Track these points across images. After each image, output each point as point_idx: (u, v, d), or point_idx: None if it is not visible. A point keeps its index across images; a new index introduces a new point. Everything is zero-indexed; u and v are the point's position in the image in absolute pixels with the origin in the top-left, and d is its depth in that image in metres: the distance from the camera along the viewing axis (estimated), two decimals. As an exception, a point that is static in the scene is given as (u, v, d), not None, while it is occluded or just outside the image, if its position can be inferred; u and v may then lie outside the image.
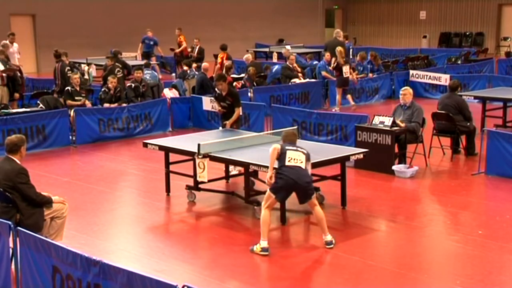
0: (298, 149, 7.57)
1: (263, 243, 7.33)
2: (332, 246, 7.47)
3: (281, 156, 7.46)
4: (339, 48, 15.89)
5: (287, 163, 7.40)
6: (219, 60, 18.47)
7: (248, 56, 18.44)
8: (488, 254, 7.31)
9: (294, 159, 7.43)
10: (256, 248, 7.35)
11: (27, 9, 24.48)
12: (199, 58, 20.45)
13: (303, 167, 7.43)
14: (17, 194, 6.72)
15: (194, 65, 17.55)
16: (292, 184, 7.39)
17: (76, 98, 13.85)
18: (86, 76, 16.68)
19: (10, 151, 6.85)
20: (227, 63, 17.11)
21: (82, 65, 17.89)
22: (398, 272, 6.90)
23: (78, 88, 14.01)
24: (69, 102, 13.67)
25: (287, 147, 7.55)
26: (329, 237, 7.51)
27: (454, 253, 7.48)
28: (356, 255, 7.29)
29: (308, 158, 7.56)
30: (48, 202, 6.95)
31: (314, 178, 9.05)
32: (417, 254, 7.47)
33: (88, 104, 14.02)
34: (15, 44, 17.04)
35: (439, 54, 24.81)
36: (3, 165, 6.83)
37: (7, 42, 16.52)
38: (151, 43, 21.59)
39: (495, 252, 7.36)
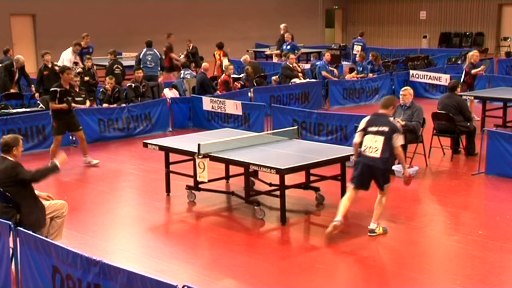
0: (379, 129, 7.65)
1: (337, 218, 7.61)
2: (373, 234, 7.71)
3: (363, 138, 7.72)
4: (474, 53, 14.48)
5: (362, 152, 7.69)
6: (217, 57, 18.46)
7: (246, 58, 18.45)
8: (488, 254, 7.32)
9: (370, 147, 7.65)
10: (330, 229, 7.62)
11: (27, 9, 24.48)
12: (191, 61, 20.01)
13: (378, 155, 7.58)
14: (16, 190, 6.69)
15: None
16: (366, 172, 7.70)
17: (77, 99, 13.83)
18: None
19: (2, 150, 6.88)
20: (224, 60, 17.12)
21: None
22: (398, 272, 6.90)
23: (78, 89, 14.00)
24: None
25: (369, 129, 7.70)
26: (373, 225, 7.76)
27: (454, 253, 7.48)
28: (356, 255, 7.29)
29: (391, 133, 7.61)
30: (52, 170, 6.94)
31: (314, 178, 9.09)
32: (417, 254, 7.47)
33: (93, 104, 14.08)
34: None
35: (439, 54, 24.80)
36: None
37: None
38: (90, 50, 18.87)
39: (495, 252, 7.36)
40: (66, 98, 11.03)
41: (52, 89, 11.14)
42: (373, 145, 7.64)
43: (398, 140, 7.69)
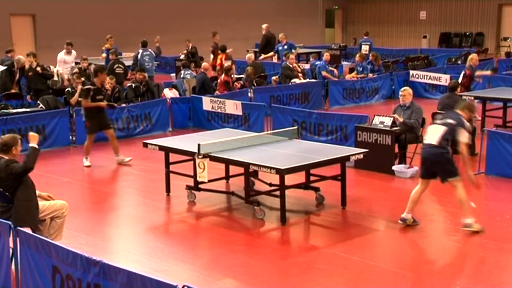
0: (445, 121, 7.79)
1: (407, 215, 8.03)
2: (468, 229, 7.72)
3: None
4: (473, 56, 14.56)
5: (424, 141, 8.01)
6: (218, 61, 18.47)
7: (250, 56, 18.43)
8: (488, 254, 7.32)
9: (430, 134, 7.84)
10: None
11: (27, 9, 24.48)
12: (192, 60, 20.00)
13: (434, 142, 7.68)
14: (14, 186, 6.67)
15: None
16: (424, 162, 7.89)
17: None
18: (55, 78, 16.57)
19: (1, 150, 6.86)
20: (226, 64, 17.12)
21: (51, 67, 17.78)
22: (398, 272, 6.90)
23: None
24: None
25: (436, 120, 7.94)
26: (467, 220, 7.78)
27: (454, 253, 7.48)
28: (356, 255, 7.29)
29: (455, 125, 7.64)
30: (34, 152, 6.85)
31: (314, 178, 9.09)
32: (417, 254, 7.47)
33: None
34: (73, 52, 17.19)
35: (439, 54, 24.81)
36: None
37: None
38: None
39: (495, 252, 7.36)
40: (98, 96, 11.15)
41: (85, 87, 11.25)
42: (432, 133, 7.83)
43: (462, 134, 7.65)
